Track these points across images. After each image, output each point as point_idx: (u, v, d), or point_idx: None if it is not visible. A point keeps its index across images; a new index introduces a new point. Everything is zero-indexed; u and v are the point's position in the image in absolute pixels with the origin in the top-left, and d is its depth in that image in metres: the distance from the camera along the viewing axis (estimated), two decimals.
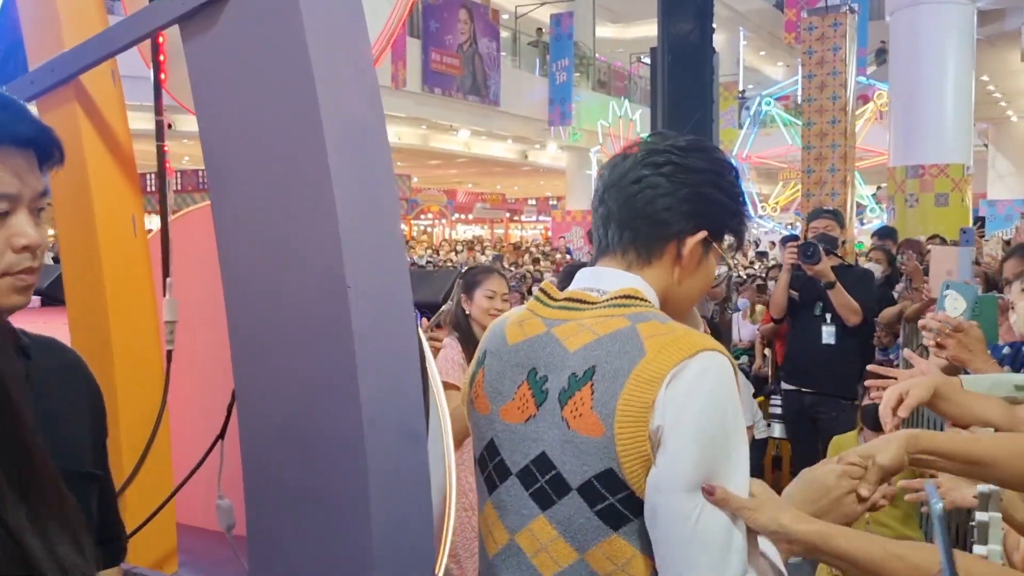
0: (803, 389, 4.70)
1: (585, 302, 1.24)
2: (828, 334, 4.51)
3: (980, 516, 1.52)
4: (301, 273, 1.63)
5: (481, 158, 23.98)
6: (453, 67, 17.32)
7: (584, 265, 3.59)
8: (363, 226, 1.63)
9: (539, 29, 22.25)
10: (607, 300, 1.22)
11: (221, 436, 1.89)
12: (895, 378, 1.94)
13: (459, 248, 23.93)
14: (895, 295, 6.42)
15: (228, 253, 1.73)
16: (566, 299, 1.27)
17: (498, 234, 34.94)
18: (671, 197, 1.23)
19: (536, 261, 17.40)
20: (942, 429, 1.86)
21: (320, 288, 1.61)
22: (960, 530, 3.13)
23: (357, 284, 1.59)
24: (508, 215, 35.65)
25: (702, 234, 1.24)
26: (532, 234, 35.54)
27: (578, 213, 24.46)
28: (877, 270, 6.77)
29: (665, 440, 1.09)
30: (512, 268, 16.37)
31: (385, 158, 1.73)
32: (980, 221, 8.59)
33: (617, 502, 1.13)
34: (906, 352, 2.02)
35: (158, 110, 2.13)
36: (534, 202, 34.79)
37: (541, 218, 34.12)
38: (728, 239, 1.31)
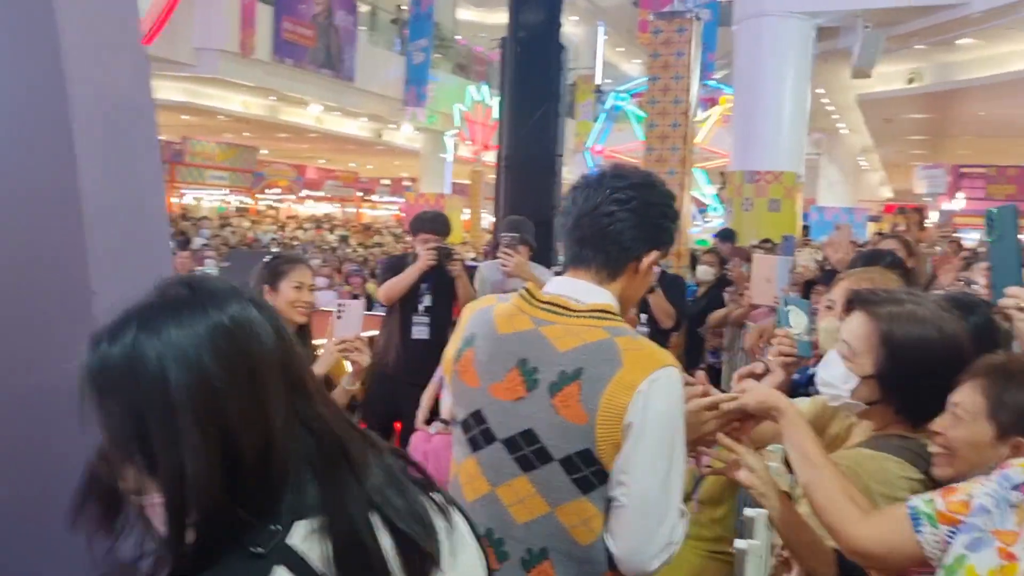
0: None
1: (567, 308, 1.59)
2: (642, 334, 4.73)
3: (739, 544, 1.51)
4: (39, 274, 1.41)
5: (333, 134, 23.34)
6: (306, 38, 16.68)
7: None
8: (116, 224, 1.42)
9: (399, 6, 21.81)
10: (587, 311, 1.57)
11: None
12: None
13: (306, 226, 23.27)
14: (726, 297, 6.62)
15: None
16: (548, 302, 1.61)
17: (349, 213, 34.23)
18: (636, 229, 1.60)
19: (378, 245, 17.15)
20: None
21: (61, 292, 1.40)
22: None
23: (104, 290, 1.39)
24: (360, 194, 34.98)
25: (655, 254, 1.64)
26: (384, 215, 35.05)
27: (431, 196, 24.22)
28: (709, 273, 6.97)
29: (634, 434, 1.47)
30: (360, 249, 16.03)
31: (151, 149, 1.52)
32: (806, 229, 9.04)
33: (590, 474, 1.50)
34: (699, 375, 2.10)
35: None
36: (388, 182, 34.27)
37: (394, 199, 33.66)
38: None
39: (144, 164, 1.50)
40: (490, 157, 18.46)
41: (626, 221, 1.60)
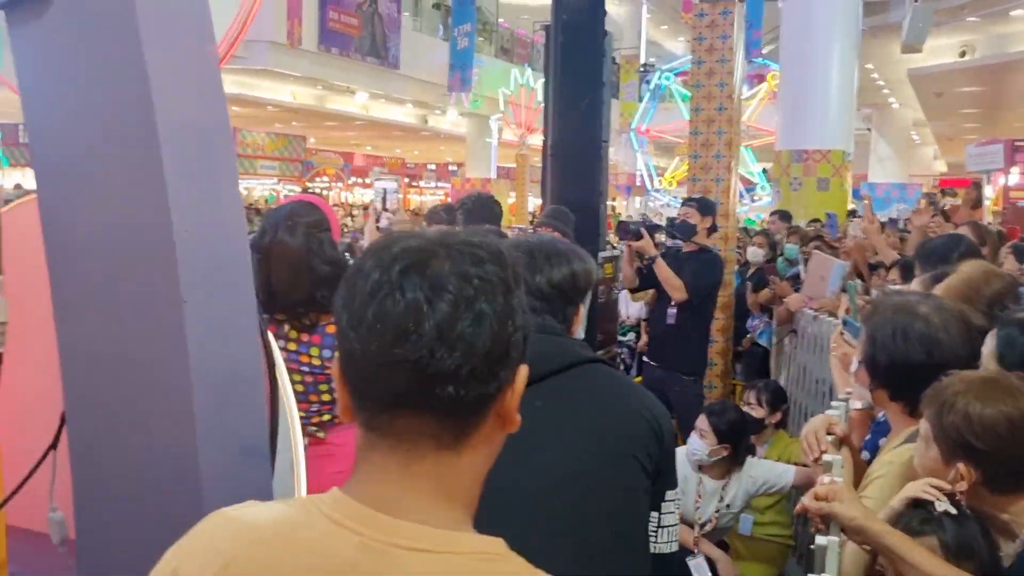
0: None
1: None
2: (671, 315, 4.72)
3: (819, 540, 1.57)
4: (133, 283, 1.55)
5: (380, 121, 23.54)
6: (351, 27, 16.86)
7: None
8: (201, 236, 1.55)
9: None
10: None
11: (53, 446, 1.79)
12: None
13: (355, 212, 23.51)
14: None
15: (56, 258, 1.63)
16: None
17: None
18: None
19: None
20: None
21: (154, 301, 1.54)
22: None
23: (194, 298, 1.52)
24: (407, 180, 35.20)
25: None
26: (432, 200, 35.20)
27: (478, 181, 24.33)
28: (759, 255, 6.99)
29: None
30: None
31: (229, 165, 1.65)
32: (852, 212, 8.96)
33: None
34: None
35: None
36: (433, 167, 34.44)
37: (440, 184, 33.81)
38: None
39: (222, 180, 1.63)
40: (535, 140, 18.49)
41: None
